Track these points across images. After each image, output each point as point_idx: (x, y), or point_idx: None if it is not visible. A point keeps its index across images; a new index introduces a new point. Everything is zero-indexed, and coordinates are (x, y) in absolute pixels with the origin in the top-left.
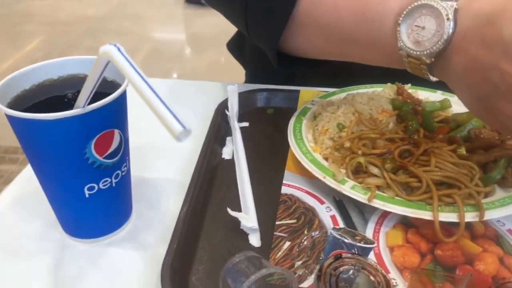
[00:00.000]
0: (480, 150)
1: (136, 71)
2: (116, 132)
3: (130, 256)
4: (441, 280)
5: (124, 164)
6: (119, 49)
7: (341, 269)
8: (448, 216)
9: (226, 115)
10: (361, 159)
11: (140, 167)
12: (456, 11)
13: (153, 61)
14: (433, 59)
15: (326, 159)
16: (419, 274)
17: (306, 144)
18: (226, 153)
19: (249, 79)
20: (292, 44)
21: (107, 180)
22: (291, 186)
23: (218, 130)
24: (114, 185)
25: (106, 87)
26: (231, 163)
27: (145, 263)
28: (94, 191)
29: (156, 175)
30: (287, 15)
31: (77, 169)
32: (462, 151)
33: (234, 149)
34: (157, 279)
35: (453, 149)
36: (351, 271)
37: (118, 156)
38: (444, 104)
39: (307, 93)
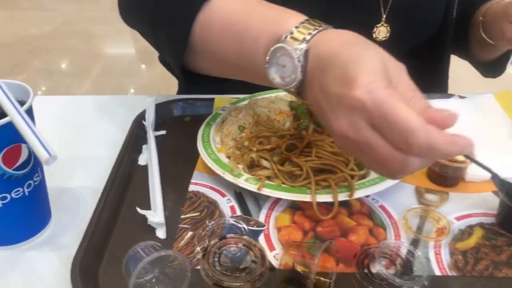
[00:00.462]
0: None
1: (13, 105)
2: (24, 146)
3: (48, 258)
4: (317, 250)
5: (36, 174)
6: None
7: (225, 247)
8: (325, 197)
9: (144, 125)
10: (253, 155)
11: (62, 177)
12: (307, 52)
13: (105, 77)
14: (296, 91)
15: (229, 157)
16: (293, 246)
17: (212, 145)
18: (142, 160)
19: (182, 91)
20: (196, 65)
21: (19, 190)
22: (198, 184)
23: (136, 139)
24: (27, 194)
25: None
26: (146, 168)
27: (61, 263)
28: (7, 200)
29: (76, 184)
30: (185, 42)
31: None
32: None
33: (148, 155)
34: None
35: (333, 141)
36: (233, 249)
37: (28, 167)
38: None
39: (221, 100)
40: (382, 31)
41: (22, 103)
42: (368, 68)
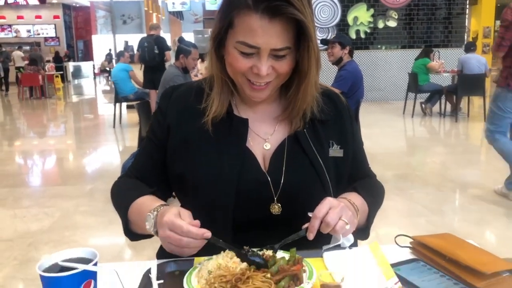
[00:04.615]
0: (281, 274)
1: None
2: (93, 281)
3: None
4: None
5: None
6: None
7: None
8: None
9: (150, 277)
10: (216, 285)
11: None
12: (155, 216)
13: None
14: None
15: None
16: None
17: (192, 284)
18: None
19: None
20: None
21: None
22: None
23: (145, 286)
24: None
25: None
26: None
27: None
28: None
29: None
30: (126, 217)
31: None
32: (268, 274)
33: None
34: None
35: (265, 275)
36: None
37: None
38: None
39: (198, 259)
40: (275, 208)
41: (89, 261)
42: (172, 211)
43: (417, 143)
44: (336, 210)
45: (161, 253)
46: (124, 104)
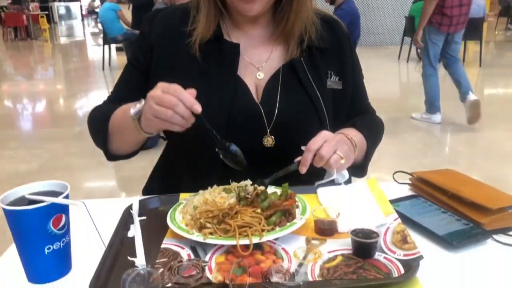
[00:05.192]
0: (273, 209)
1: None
2: (63, 216)
3: None
4: (240, 272)
5: (67, 234)
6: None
7: (180, 266)
8: (244, 241)
9: (131, 213)
10: (202, 220)
11: (79, 239)
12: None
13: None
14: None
15: (187, 225)
16: (224, 269)
17: (176, 220)
18: (130, 233)
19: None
20: (112, 147)
21: (57, 243)
22: (167, 243)
23: (126, 221)
24: (61, 247)
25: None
26: (133, 237)
27: None
28: (50, 250)
29: (90, 244)
30: (106, 135)
31: (42, 236)
32: (258, 210)
33: (134, 229)
34: None
35: (255, 210)
36: (184, 265)
37: (64, 229)
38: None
39: (184, 195)
40: (268, 141)
41: (60, 194)
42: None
43: (411, 88)
44: (331, 144)
45: (149, 189)
46: (113, 46)
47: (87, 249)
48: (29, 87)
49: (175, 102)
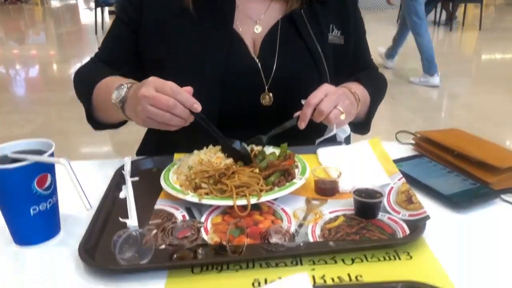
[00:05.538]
0: (271, 169)
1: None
2: (49, 175)
3: (61, 251)
4: (238, 233)
5: (54, 195)
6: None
7: (175, 226)
8: (242, 202)
9: (123, 174)
10: (197, 180)
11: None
12: (128, 88)
13: None
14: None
15: (181, 186)
16: (221, 230)
17: (170, 181)
18: (122, 194)
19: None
20: (96, 115)
21: (44, 204)
22: (161, 204)
23: (117, 182)
24: (48, 208)
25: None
26: (124, 199)
27: (71, 253)
28: (36, 211)
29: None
30: (90, 101)
31: (26, 196)
32: (256, 170)
33: (126, 190)
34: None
35: (252, 170)
36: (179, 226)
37: (50, 189)
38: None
39: (178, 155)
40: (266, 98)
41: (44, 152)
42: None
43: (409, 51)
44: (332, 97)
45: (143, 151)
46: (106, 10)
47: (77, 211)
48: (21, 52)
49: (172, 103)
